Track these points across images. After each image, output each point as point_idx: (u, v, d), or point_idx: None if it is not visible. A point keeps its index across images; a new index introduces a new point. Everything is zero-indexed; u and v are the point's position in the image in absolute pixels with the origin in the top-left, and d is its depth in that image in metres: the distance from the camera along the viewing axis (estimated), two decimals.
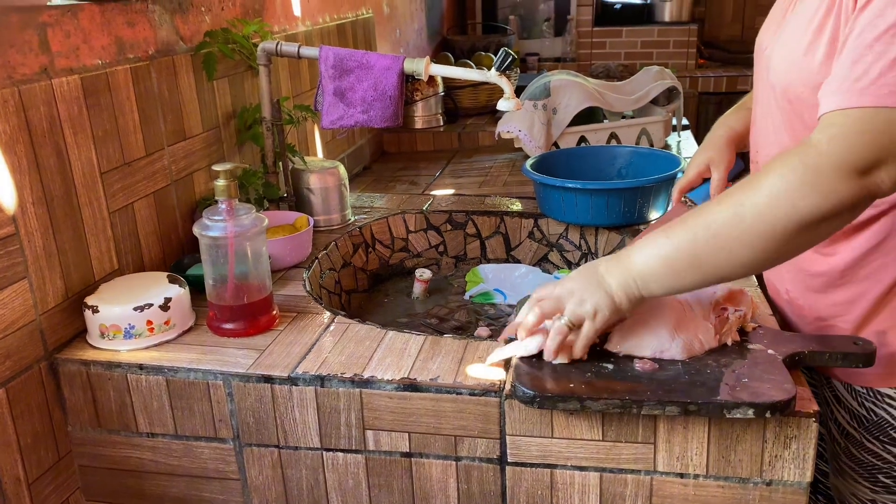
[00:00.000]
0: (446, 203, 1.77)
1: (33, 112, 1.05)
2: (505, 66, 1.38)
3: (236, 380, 1.05)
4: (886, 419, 1.04)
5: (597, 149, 1.88)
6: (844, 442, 1.11)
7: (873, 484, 1.08)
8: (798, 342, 0.99)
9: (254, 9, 1.65)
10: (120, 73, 1.21)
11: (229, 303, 1.14)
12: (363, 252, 1.64)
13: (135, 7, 1.26)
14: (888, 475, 1.06)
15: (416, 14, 3.06)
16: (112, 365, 1.08)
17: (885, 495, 1.08)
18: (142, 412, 1.09)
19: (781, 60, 1.01)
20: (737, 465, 0.94)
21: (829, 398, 1.12)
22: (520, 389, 0.93)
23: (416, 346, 1.09)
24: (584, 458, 0.97)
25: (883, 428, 1.05)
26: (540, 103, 2.09)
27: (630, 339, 0.99)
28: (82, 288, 1.16)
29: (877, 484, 1.08)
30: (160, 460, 1.12)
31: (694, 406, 0.89)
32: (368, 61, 1.46)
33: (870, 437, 1.06)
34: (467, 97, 2.68)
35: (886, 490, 1.07)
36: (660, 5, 4.17)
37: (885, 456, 1.06)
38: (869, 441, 1.07)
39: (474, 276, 1.59)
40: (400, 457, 1.03)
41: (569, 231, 1.65)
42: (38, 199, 1.06)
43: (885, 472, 1.07)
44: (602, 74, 3.38)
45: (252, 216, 1.13)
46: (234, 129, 1.57)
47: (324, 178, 1.59)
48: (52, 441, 1.11)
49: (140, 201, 1.28)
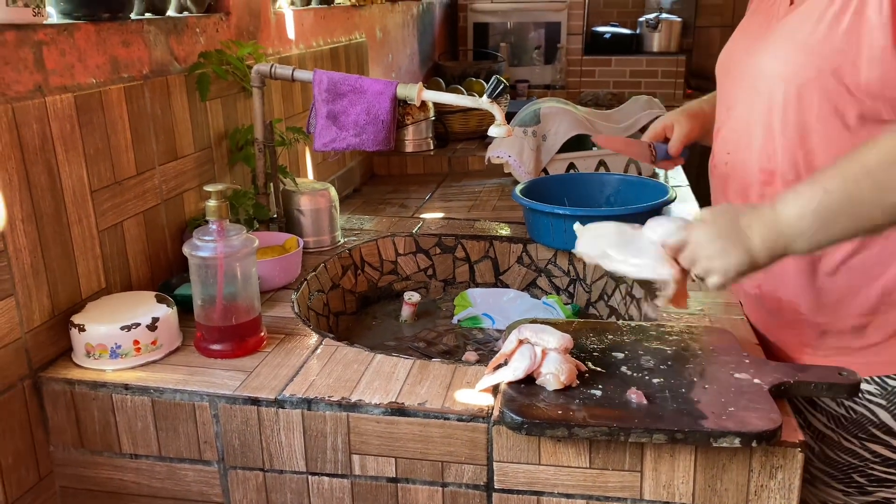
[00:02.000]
0: (436, 226, 1.77)
1: (26, 129, 1.05)
2: (497, 93, 1.39)
3: (222, 401, 1.04)
4: (866, 415, 1.06)
5: (586, 176, 1.90)
6: (819, 446, 1.12)
7: (847, 486, 1.09)
8: (783, 371, 1.00)
9: (248, 31, 1.66)
10: (113, 92, 1.22)
11: (217, 323, 1.14)
12: (352, 274, 1.64)
13: (130, 27, 1.27)
14: (863, 473, 1.08)
15: (408, 40, 3.09)
16: (97, 384, 1.07)
17: (857, 497, 1.09)
18: (126, 433, 1.08)
19: (786, 57, 1.03)
20: (723, 494, 0.94)
21: (803, 406, 1.14)
22: (508, 415, 0.93)
23: (404, 370, 1.09)
24: (572, 485, 0.97)
25: (862, 425, 1.07)
26: (530, 130, 2.11)
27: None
28: (69, 306, 1.15)
29: (850, 485, 1.09)
30: (143, 482, 1.10)
31: (681, 434, 0.89)
32: (362, 86, 1.47)
33: (848, 435, 1.08)
34: (458, 122, 2.70)
35: (860, 491, 1.08)
36: (648, 36, 4.24)
37: (863, 453, 1.07)
38: (847, 440, 1.08)
39: (463, 300, 1.59)
40: (386, 482, 1.03)
41: (557, 257, 1.66)
42: (27, 216, 1.06)
43: (860, 470, 1.08)
44: (591, 102, 3.43)
45: (242, 237, 1.13)
46: (225, 149, 1.57)
47: (314, 199, 1.60)
48: (33, 461, 1.09)
49: (130, 220, 1.28)
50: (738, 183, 1.15)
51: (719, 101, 1.23)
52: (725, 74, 1.21)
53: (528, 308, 1.55)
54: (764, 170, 1.10)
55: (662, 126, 1.38)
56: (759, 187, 1.11)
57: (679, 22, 4.23)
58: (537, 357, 1.00)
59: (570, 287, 1.65)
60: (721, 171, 1.20)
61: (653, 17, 4.21)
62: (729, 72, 1.19)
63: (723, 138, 1.20)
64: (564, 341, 1.01)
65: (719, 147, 1.21)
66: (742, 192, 1.15)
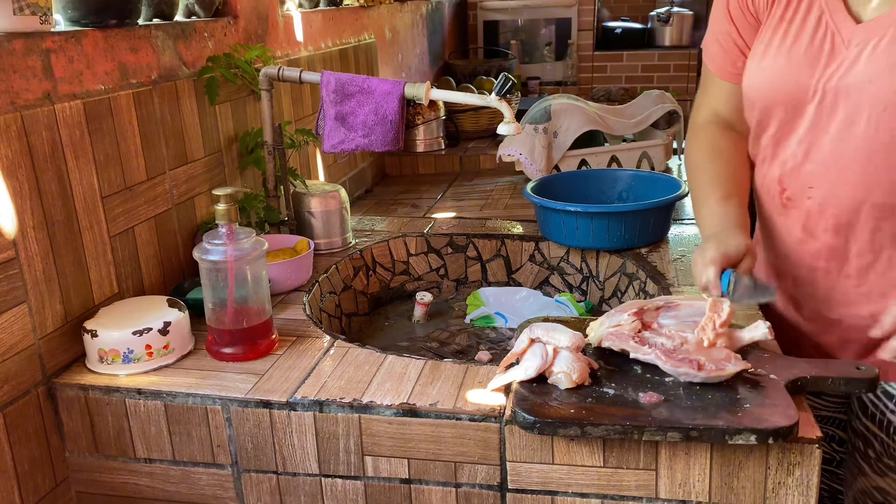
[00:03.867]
0: (447, 226, 1.77)
1: (35, 137, 1.05)
2: (504, 90, 1.39)
3: (235, 405, 1.04)
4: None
5: (598, 172, 1.88)
6: (890, 439, 1.10)
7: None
8: (800, 367, 0.99)
9: (256, 34, 1.67)
10: (122, 98, 1.22)
11: (229, 327, 1.14)
12: (364, 275, 1.64)
13: (138, 33, 1.27)
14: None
15: (417, 39, 3.09)
16: (110, 390, 1.08)
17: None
18: (140, 437, 1.09)
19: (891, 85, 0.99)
20: (740, 492, 0.93)
21: (870, 399, 1.12)
22: (520, 415, 0.92)
23: (415, 371, 1.08)
24: (586, 484, 0.96)
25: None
26: (541, 127, 2.10)
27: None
28: (82, 312, 1.15)
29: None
30: (157, 486, 1.11)
31: (695, 432, 0.88)
32: (369, 86, 1.46)
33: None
34: (468, 121, 2.70)
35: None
36: (660, 30, 4.21)
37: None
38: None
39: (475, 299, 1.59)
40: (399, 483, 1.02)
41: (570, 254, 1.65)
42: (38, 223, 1.06)
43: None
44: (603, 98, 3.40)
45: (252, 240, 1.13)
46: (235, 153, 1.57)
47: (325, 201, 1.60)
48: (49, 467, 1.10)
49: (141, 225, 1.28)
50: (835, 219, 1.09)
51: (772, 130, 1.14)
52: (780, 102, 1.11)
53: (540, 306, 1.54)
54: (879, 205, 1.04)
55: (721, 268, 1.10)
56: (871, 222, 1.06)
57: (691, 15, 4.19)
58: (549, 356, 0.99)
59: (583, 284, 1.64)
60: (802, 206, 1.12)
61: (664, 11, 4.18)
62: (787, 99, 1.09)
63: (797, 171, 1.11)
64: (576, 340, 1.00)
65: (794, 180, 1.12)
66: (839, 227, 1.09)
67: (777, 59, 1.10)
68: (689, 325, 1.03)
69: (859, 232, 1.07)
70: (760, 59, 1.13)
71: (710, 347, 0.99)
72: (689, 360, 0.97)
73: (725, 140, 1.24)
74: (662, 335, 1.03)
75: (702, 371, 0.95)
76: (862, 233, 1.07)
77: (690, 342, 1.00)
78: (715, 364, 0.96)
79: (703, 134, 1.27)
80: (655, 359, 0.99)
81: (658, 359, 0.98)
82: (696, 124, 1.30)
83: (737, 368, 0.96)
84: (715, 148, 1.24)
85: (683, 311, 1.07)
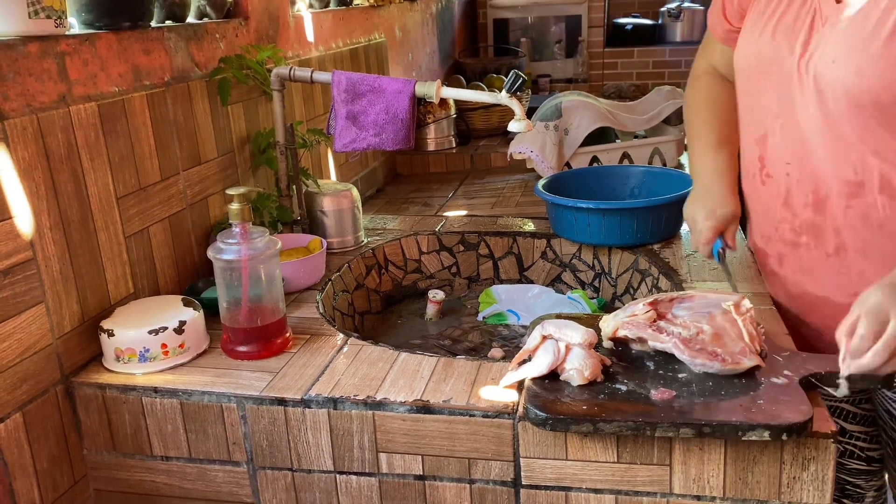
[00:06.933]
0: (459, 224, 1.77)
1: (51, 139, 1.06)
2: (515, 87, 1.39)
3: (250, 402, 1.05)
4: None
5: (609, 169, 1.88)
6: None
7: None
8: (814, 363, 0.98)
9: (267, 35, 1.68)
10: (136, 99, 1.23)
11: (243, 325, 1.15)
12: (376, 273, 1.64)
13: (151, 35, 1.28)
14: None
15: (428, 38, 3.09)
16: (127, 388, 1.09)
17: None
18: (156, 435, 1.10)
19: (857, 67, 1.00)
20: (755, 488, 0.92)
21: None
22: (532, 411, 0.93)
23: (428, 368, 1.09)
24: (600, 480, 0.96)
25: None
26: (552, 124, 2.10)
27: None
28: (98, 312, 1.17)
29: None
30: (174, 483, 1.12)
31: (708, 428, 0.88)
32: (380, 85, 1.47)
33: None
34: (479, 119, 2.70)
35: None
36: (671, 26, 4.19)
37: None
38: None
39: (487, 296, 1.59)
40: (413, 479, 1.03)
41: (582, 251, 1.65)
42: (55, 224, 1.08)
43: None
44: (614, 95, 3.39)
45: (265, 239, 1.14)
46: (248, 153, 1.58)
47: (337, 200, 1.60)
48: (67, 465, 1.11)
49: (155, 225, 1.30)
50: (809, 195, 1.11)
51: (754, 103, 1.17)
52: (762, 76, 1.13)
53: (553, 303, 1.54)
54: (848, 181, 1.05)
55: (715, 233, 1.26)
56: (843, 199, 1.07)
57: (701, 10, 4.17)
58: (560, 352, 0.99)
59: (596, 281, 1.63)
60: (780, 181, 1.15)
61: (675, 7, 4.16)
62: (768, 73, 1.12)
63: (776, 146, 1.14)
64: (588, 336, 1.01)
65: (773, 155, 1.15)
66: (818, 204, 1.10)
67: (763, 34, 1.14)
68: (703, 315, 1.03)
69: (835, 209, 1.09)
70: (748, 32, 1.17)
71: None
72: (707, 351, 0.97)
73: (721, 89, 1.33)
74: (678, 325, 1.03)
75: (718, 362, 0.95)
76: (836, 210, 1.09)
77: (706, 333, 1.00)
78: (731, 357, 0.96)
79: (702, 81, 1.37)
80: (673, 347, 0.99)
81: (676, 347, 0.98)
82: (695, 73, 1.39)
83: (752, 363, 0.96)
84: (711, 95, 1.34)
85: (697, 303, 1.07)
